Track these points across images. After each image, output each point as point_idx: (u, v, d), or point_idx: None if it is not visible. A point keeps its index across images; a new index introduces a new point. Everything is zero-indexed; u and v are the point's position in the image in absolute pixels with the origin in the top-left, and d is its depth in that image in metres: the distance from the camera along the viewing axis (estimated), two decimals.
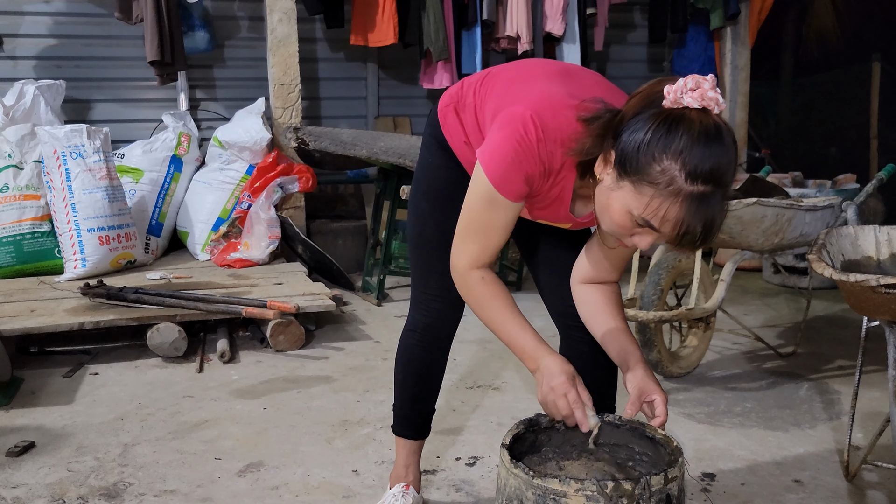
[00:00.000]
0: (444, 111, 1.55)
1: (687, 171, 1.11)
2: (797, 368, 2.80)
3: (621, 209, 1.19)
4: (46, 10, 4.55)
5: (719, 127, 1.13)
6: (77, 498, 1.85)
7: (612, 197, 1.20)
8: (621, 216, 1.20)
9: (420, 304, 1.71)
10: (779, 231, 2.49)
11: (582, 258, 1.51)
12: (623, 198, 1.18)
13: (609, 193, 1.21)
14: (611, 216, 1.22)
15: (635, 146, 1.15)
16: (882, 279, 1.55)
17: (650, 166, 1.13)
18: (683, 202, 1.12)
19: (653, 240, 1.21)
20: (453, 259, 1.41)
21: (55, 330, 2.85)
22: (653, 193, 1.14)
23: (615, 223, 1.22)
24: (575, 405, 1.31)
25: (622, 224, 1.21)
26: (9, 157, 3.80)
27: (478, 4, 4.66)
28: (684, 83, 1.14)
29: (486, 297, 1.39)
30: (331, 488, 1.90)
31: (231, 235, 4.11)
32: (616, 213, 1.20)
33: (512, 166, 1.29)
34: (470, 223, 1.38)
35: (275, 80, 4.36)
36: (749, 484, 1.90)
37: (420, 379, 1.75)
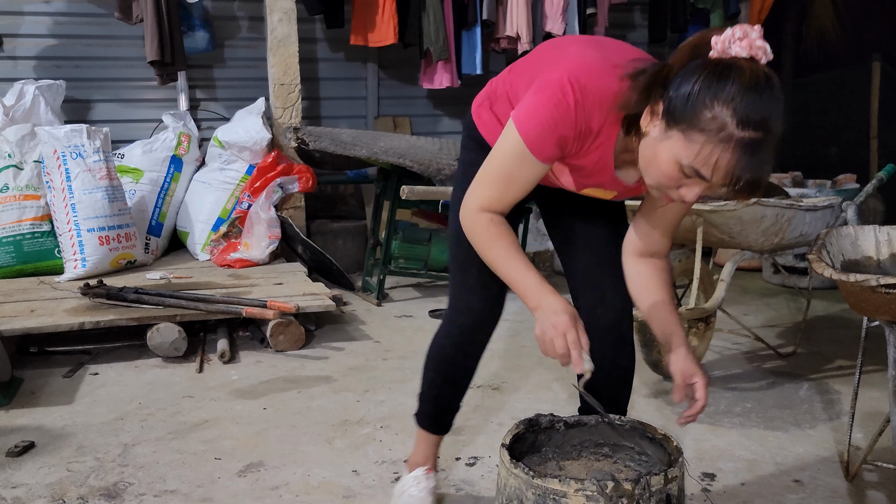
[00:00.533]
0: (479, 110, 1.57)
1: (739, 117, 1.12)
2: (797, 368, 2.80)
3: (669, 159, 1.19)
4: (46, 10, 4.55)
5: (769, 75, 1.16)
6: (77, 498, 1.85)
7: (660, 148, 1.20)
8: (669, 167, 1.20)
9: (460, 304, 1.66)
10: (779, 231, 2.49)
11: (631, 232, 1.54)
12: (672, 147, 1.18)
13: (656, 145, 1.21)
14: (658, 167, 1.22)
15: (685, 95, 1.16)
16: (882, 279, 1.55)
17: (701, 113, 1.14)
18: (735, 149, 1.13)
19: (700, 191, 1.22)
20: (466, 200, 1.41)
21: (55, 330, 2.85)
22: (703, 141, 1.15)
23: (663, 175, 1.22)
24: (573, 345, 1.30)
25: (670, 175, 1.21)
26: (9, 157, 3.80)
27: (478, 4, 4.66)
28: (732, 33, 1.15)
29: (492, 237, 1.38)
30: (331, 488, 1.90)
31: (231, 235, 4.11)
32: (664, 163, 1.21)
33: (547, 128, 1.30)
34: (492, 172, 1.38)
35: (275, 80, 4.36)
36: (749, 484, 1.90)
37: (451, 380, 1.72)
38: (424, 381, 1.73)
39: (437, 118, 5.52)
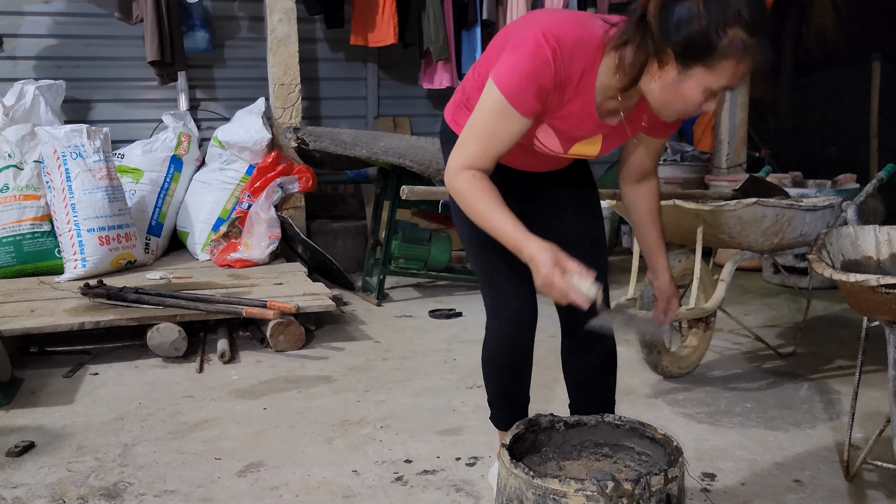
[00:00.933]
0: (454, 118, 1.62)
1: (749, 28, 1.23)
2: (797, 368, 2.81)
3: (697, 91, 1.30)
4: (46, 11, 4.55)
5: None
6: (77, 498, 1.85)
7: (684, 86, 1.30)
8: (697, 97, 1.31)
9: (498, 310, 1.68)
10: (779, 231, 2.49)
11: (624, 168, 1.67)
12: (697, 82, 1.28)
13: (677, 86, 1.31)
14: (684, 101, 1.32)
15: (695, 34, 1.24)
16: (882, 279, 1.55)
17: (718, 43, 1.23)
18: (753, 52, 1.25)
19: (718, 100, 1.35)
20: (449, 160, 1.43)
21: (55, 330, 2.85)
22: (728, 63, 1.25)
23: (688, 105, 1.33)
24: (567, 291, 1.30)
25: (695, 103, 1.32)
26: (9, 157, 3.80)
27: (478, 4, 4.66)
28: None
29: (475, 192, 1.39)
30: (331, 488, 1.90)
31: (231, 235, 4.11)
32: (691, 96, 1.31)
33: (525, 79, 1.34)
34: (473, 129, 1.41)
35: (275, 80, 4.37)
36: (749, 484, 1.90)
37: (517, 381, 1.75)
38: (491, 389, 1.78)
39: (437, 118, 5.52)
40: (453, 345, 3.15)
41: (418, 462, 2.04)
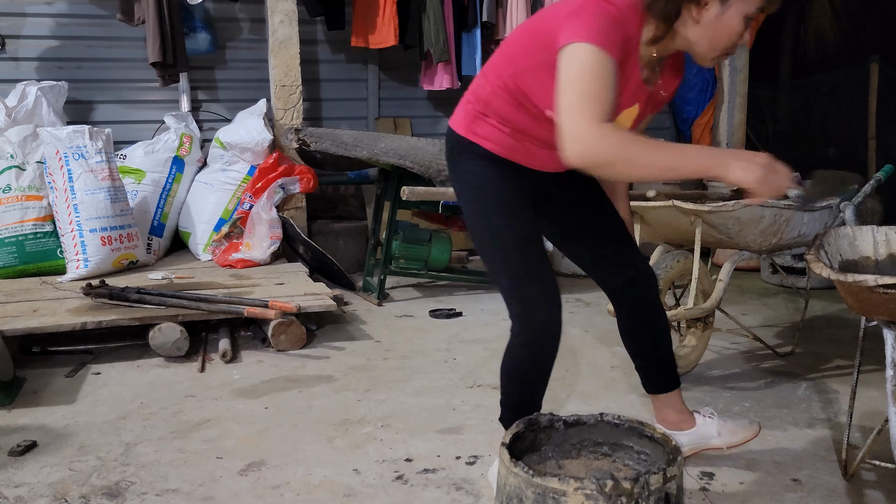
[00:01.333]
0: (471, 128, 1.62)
1: None
2: (795, 368, 2.82)
3: (738, 20, 1.45)
4: (48, 12, 4.56)
5: None
6: (79, 497, 1.86)
7: (725, 17, 1.44)
8: (738, 26, 1.45)
9: (527, 319, 1.65)
10: (777, 231, 2.50)
11: None
12: (736, 10, 1.44)
13: (717, 21, 1.45)
14: (727, 33, 1.46)
15: None
16: (880, 279, 1.56)
17: None
18: None
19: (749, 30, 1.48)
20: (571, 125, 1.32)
21: (57, 330, 2.86)
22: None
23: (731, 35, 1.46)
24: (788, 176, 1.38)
25: (738, 33, 1.46)
26: (11, 157, 3.81)
27: (478, 6, 4.67)
28: None
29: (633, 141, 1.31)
30: (332, 487, 1.91)
31: (233, 236, 4.12)
32: (733, 26, 1.45)
33: (607, 28, 1.39)
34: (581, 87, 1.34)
35: (276, 81, 4.38)
36: (748, 483, 1.91)
37: (532, 388, 1.76)
38: (508, 393, 1.76)
39: (437, 119, 5.53)
40: (453, 344, 3.16)
41: (419, 461, 2.05)
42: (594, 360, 2.90)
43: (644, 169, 1.31)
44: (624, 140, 1.30)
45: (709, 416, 2.00)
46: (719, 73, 5.58)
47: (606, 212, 1.81)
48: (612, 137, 1.29)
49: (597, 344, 3.11)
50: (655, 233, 2.70)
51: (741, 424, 2.04)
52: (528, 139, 1.60)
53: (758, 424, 2.06)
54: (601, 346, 3.09)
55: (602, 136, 1.29)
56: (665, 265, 2.61)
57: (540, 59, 1.48)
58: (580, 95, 1.33)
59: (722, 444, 1.98)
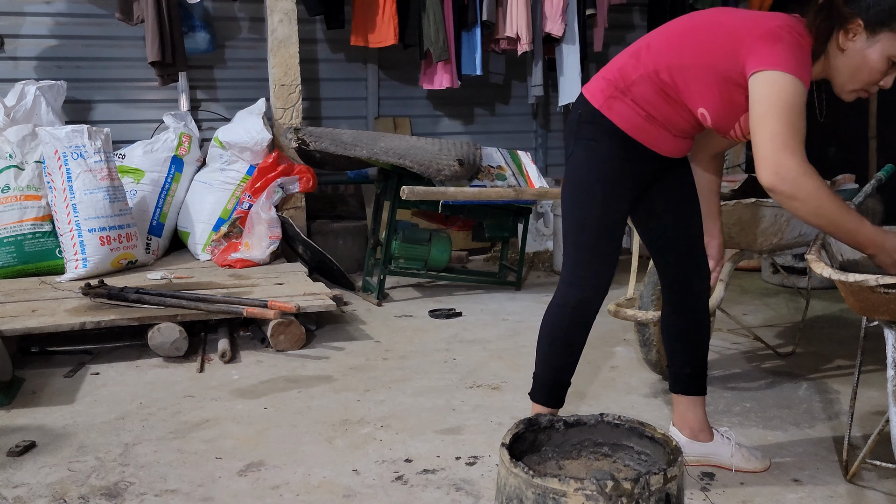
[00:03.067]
0: (608, 103, 1.68)
1: None
2: (796, 368, 2.81)
3: (881, 58, 1.51)
4: (47, 11, 4.55)
5: None
6: (78, 497, 1.85)
7: (869, 52, 1.52)
8: (881, 64, 1.52)
9: (577, 281, 1.77)
10: (777, 231, 2.49)
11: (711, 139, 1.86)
12: (882, 47, 1.50)
13: (862, 53, 1.53)
14: (870, 68, 1.53)
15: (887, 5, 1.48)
16: (881, 279, 1.56)
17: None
18: None
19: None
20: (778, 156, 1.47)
21: (56, 330, 2.85)
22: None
23: (873, 72, 1.53)
24: None
25: (881, 71, 1.53)
26: (10, 157, 3.81)
27: (477, 5, 4.66)
28: None
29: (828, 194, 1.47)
30: (331, 487, 1.90)
31: (232, 236, 4.11)
32: (876, 62, 1.52)
33: (803, 61, 1.51)
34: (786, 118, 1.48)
35: (275, 80, 4.37)
36: (748, 483, 1.91)
37: (566, 351, 1.83)
38: (541, 357, 1.85)
39: (437, 119, 5.53)
40: (453, 345, 3.15)
41: (418, 461, 2.04)
42: (594, 360, 2.89)
43: (821, 219, 1.49)
44: (820, 186, 1.47)
45: (727, 436, 1.98)
46: None
47: (695, 210, 1.88)
48: (813, 180, 1.47)
49: (597, 344, 3.11)
50: None
51: (755, 454, 2.00)
52: (661, 126, 1.68)
53: (769, 460, 2.01)
54: (601, 346, 3.08)
55: (805, 175, 1.46)
56: None
57: (714, 63, 1.58)
58: (786, 126, 1.47)
59: (731, 466, 1.95)
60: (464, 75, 4.80)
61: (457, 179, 3.83)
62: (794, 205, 1.48)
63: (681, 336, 1.94)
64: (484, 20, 4.68)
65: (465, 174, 3.82)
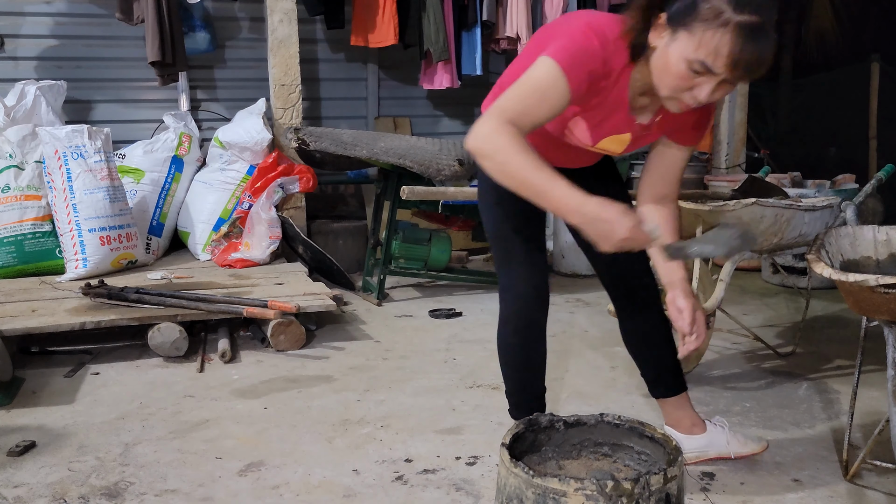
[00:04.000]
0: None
1: (734, 2, 1.26)
2: (796, 368, 2.81)
3: (679, 59, 1.32)
4: (47, 11, 4.55)
5: None
6: (78, 497, 1.85)
7: (670, 52, 1.34)
8: (680, 66, 1.33)
9: (508, 292, 1.76)
10: (778, 231, 2.49)
11: (643, 184, 1.69)
12: (679, 48, 1.32)
13: (666, 52, 1.35)
14: (670, 72, 1.35)
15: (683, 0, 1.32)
16: (881, 279, 1.56)
17: (699, 7, 1.28)
18: (734, 32, 1.26)
19: (711, 88, 1.33)
20: (489, 112, 1.39)
21: (56, 330, 2.85)
22: (704, 30, 1.28)
23: (675, 77, 1.35)
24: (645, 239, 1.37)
25: (682, 75, 1.33)
26: (10, 157, 3.81)
27: (478, 5, 4.67)
28: None
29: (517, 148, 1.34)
30: (331, 487, 1.90)
31: (232, 236, 4.11)
32: (675, 65, 1.33)
33: (578, 56, 1.39)
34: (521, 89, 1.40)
35: (275, 80, 4.37)
36: (748, 483, 1.91)
37: (524, 367, 1.82)
38: (505, 377, 1.85)
39: (437, 119, 5.53)
40: (453, 344, 3.15)
41: (418, 461, 2.04)
42: (594, 361, 2.89)
43: (507, 177, 1.36)
44: (510, 143, 1.33)
45: (720, 424, 1.99)
46: None
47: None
48: (504, 137, 1.34)
49: (597, 344, 3.11)
50: None
51: (751, 438, 2.03)
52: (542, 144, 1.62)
53: (766, 442, 2.04)
54: (601, 346, 3.08)
55: (496, 132, 1.34)
56: None
57: None
58: (515, 101, 1.39)
59: (730, 453, 1.97)
60: (464, 75, 4.80)
61: (457, 179, 3.83)
62: (484, 163, 1.37)
63: (641, 341, 1.90)
64: (484, 20, 4.68)
65: (465, 174, 3.82)
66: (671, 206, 1.70)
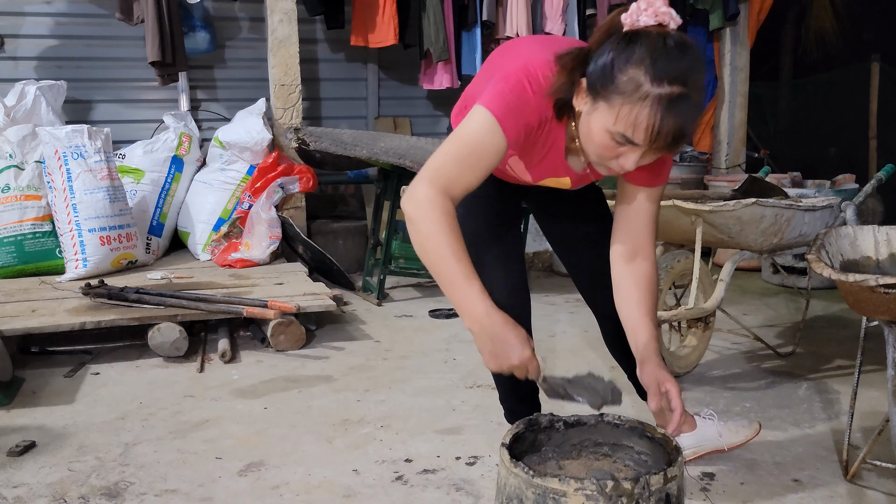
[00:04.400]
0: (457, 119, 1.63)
1: (651, 74, 1.20)
2: (796, 368, 2.81)
3: (600, 129, 1.27)
4: (47, 11, 4.56)
5: (679, 36, 1.23)
6: (78, 497, 1.85)
7: (591, 120, 1.29)
8: (601, 136, 1.28)
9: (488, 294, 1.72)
10: (778, 231, 2.49)
11: (614, 234, 1.58)
12: (599, 117, 1.27)
13: (588, 119, 1.30)
14: (593, 140, 1.30)
15: (601, 66, 1.25)
16: (881, 279, 1.56)
17: (617, 78, 1.22)
18: (652, 105, 1.20)
19: (636, 158, 1.28)
20: (421, 173, 1.33)
21: (56, 330, 2.85)
22: (622, 102, 1.22)
23: (598, 146, 1.30)
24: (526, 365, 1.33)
25: (605, 145, 1.28)
26: (10, 157, 3.81)
27: (478, 5, 4.67)
28: (637, 6, 1.24)
29: (443, 227, 1.29)
30: (331, 487, 1.90)
31: (232, 236, 4.11)
32: (596, 134, 1.28)
33: (514, 108, 1.34)
34: (455, 148, 1.34)
35: (275, 80, 4.37)
36: (748, 483, 1.91)
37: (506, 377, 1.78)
38: (496, 384, 1.84)
39: (437, 119, 5.53)
40: (453, 344, 3.15)
41: (418, 461, 2.04)
42: (594, 361, 2.89)
43: (424, 253, 1.32)
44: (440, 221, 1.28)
45: (708, 417, 2.00)
46: (720, 72, 5.58)
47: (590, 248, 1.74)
48: (436, 211, 1.29)
49: (597, 344, 3.11)
50: None
51: (741, 424, 2.04)
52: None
53: (757, 423, 2.06)
54: (601, 346, 3.06)
55: (430, 203, 1.29)
56: (666, 265, 2.60)
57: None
58: (450, 160, 1.33)
59: (724, 445, 1.98)
60: (464, 75, 4.80)
61: None
62: (410, 227, 1.32)
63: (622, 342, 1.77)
64: (484, 20, 4.68)
65: None
66: (645, 265, 1.55)
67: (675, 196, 2.68)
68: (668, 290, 2.67)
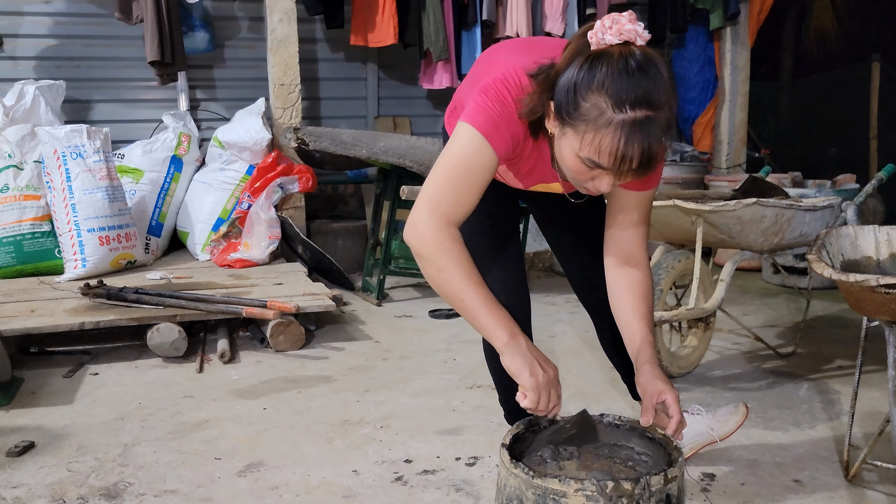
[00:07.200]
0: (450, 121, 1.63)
1: (613, 100, 1.16)
2: (797, 368, 2.81)
3: (570, 154, 1.24)
4: (46, 11, 4.55)
5: (642, 55, 1.18)
6: (77, 498, 1.85)
7: (562, 145, 1.26)
8: (572, 161, 1.25)
9: None
10: (778, 231, 2.49)
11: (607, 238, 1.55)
12: (568, 143, 1.24)
13: (559, 143, 1.27)
14: (566, 164, 1.28)
15: (565, 92, 1.21)
16: (881, 279, 1.55)
17: (580, 105, 1.19)
18: (616, 130, 1.17)
19: (610, 181, 1.25)
20: (419, 202, 1.32)
21: (55, 330, 2.85)
22: (586, 129, 1.19)
23: (571, 170, 1.28)
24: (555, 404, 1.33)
25: (577, 169, 1.26)
26: (9, 157, 3.80)
27: (478, 5, 4.67)
28: (602, 23, 1.20)
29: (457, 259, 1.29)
30: (331, 488, 1.90)
31: (231, 236, 4.11)
32: (568, 159, 1.26)
33: (499, 120, 1.32)
34: (448, 168, 1.31)
35: (275, 80, 4.37)
36: (749, 484, 1.90)
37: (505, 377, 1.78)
38: (496, 387, 1.81)
39: (436, 118, 5.53)
40: (453, 345, 3.15)
41: (418, 462, 2.04)
42: (594, 361, 2.89)
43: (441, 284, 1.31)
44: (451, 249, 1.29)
45: (696, 412, 2.00)
46: (721, 71, 5.57)
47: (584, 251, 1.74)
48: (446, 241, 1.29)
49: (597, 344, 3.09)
50: (657, 232, 2.69)
51: (728, 411, 2.03)
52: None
53: (744, 405, 2.04)
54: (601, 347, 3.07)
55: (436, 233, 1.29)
56: (666, 265, 2.60)
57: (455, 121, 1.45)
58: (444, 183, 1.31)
59: (717, 437, 1.98)
60: (464, 75, 4.80)
61: None
62: (421, 262, 1.31)
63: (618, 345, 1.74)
64: (484, 19, 4.68)
65: None
66: (637, 270, 1.50)
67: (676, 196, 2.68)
68: (669, 290, 2.67)
